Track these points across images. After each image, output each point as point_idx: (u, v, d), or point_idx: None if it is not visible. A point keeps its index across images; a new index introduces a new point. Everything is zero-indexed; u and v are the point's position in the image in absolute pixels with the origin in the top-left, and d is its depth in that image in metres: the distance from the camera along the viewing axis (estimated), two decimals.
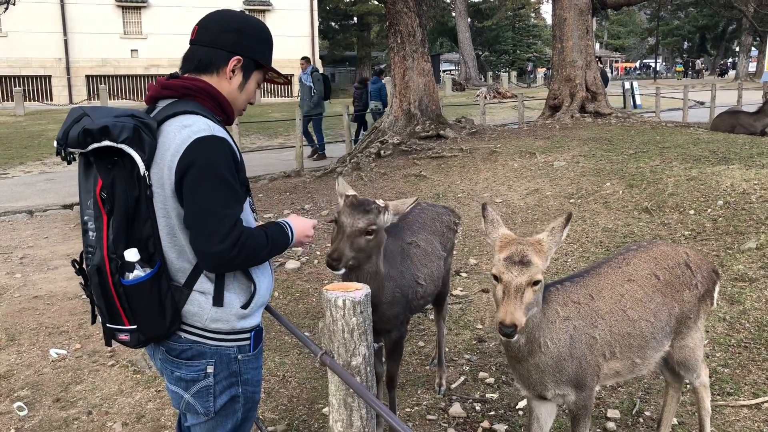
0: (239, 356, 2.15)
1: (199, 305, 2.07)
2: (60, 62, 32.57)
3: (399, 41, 12.49)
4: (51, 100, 31.72)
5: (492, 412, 3.94)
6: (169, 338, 2.09)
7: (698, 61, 56.50)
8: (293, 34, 36.40)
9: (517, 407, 3.96)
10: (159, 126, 2.02)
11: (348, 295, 1.96)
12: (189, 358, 2.10)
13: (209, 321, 2.08)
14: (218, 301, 2.08)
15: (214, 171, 1.95)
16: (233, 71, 2.16)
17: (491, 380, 4.32)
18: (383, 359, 3.77)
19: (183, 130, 1.97)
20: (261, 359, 2.29)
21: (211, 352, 2.10)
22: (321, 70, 17.08)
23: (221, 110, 2.15)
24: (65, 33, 32.27)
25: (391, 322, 3.43)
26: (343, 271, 3.00)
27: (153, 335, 2.05)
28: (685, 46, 64.07)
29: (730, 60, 61.91)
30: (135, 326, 2.02)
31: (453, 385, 4.30)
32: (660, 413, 3.52)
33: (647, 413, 3.82)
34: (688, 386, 3.64)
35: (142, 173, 1.94)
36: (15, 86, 29.53)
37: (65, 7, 31.96)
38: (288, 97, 35.89)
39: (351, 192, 3.11)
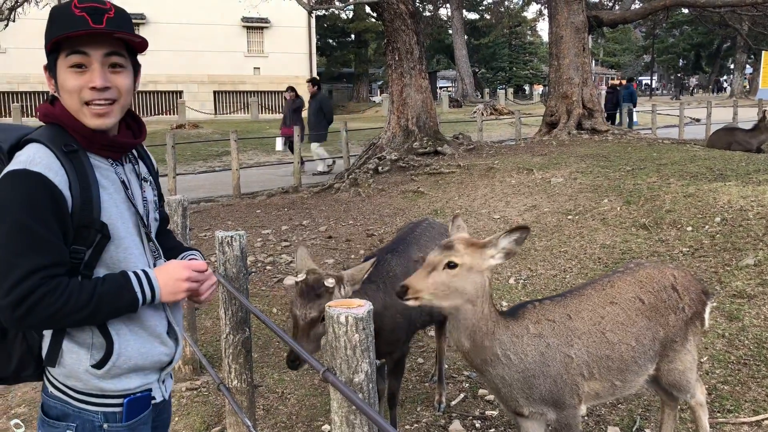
0: (105, 425, 1.81)
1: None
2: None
3: (397, 58, 12.57)
4: None
5: (492, 429, 3.93)
6: (42, 389, 1.87)
7: (692, 79, 56.75)
8: (291, 51, 36.61)
9: None
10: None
11: (350, 311, 1.96)
12: (54, 418, 1.82)
13: (62, 376, 1.79)
14: (51, 359, 1.77)
15: (7, 212, 1.64)
16: (50, 83, 1.82)
17: (491, 397, 4.30)
18: (384, 376, 3.76)
19: (11, 162, 1.72)
20: None
21: (74, 414, 1.80)
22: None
23: (73, 131, 1.79)
24: None
25: (393, 345, 3.44)
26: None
27: None
28: (680, 64, 64.51)
29: (723, 77, 62.28)
30: None
31: (453, 402, 4.28)
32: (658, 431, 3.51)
33: (648, 430, 3.81)
34: (687, 404, 3.63)
35: None
36: (13, 102, 29.58)
37: None
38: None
39: (302, 275, 2.96)
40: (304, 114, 15.46)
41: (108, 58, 1.77)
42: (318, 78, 15.60)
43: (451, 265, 2.53)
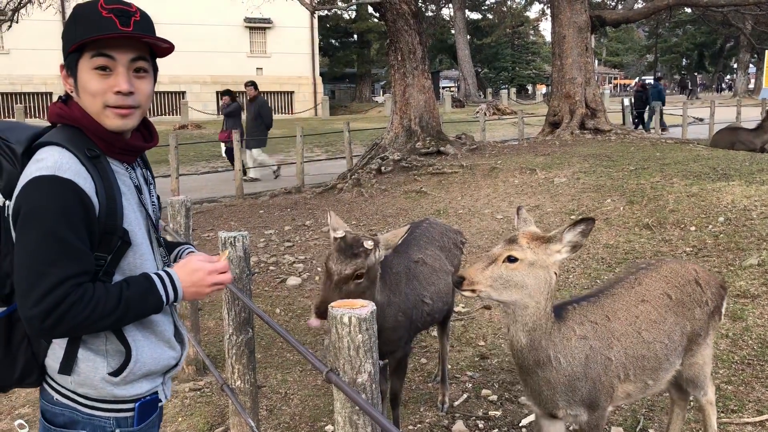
0: (117, 431, 1.79)
1: (58, 362, 1.75)
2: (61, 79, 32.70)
3: (399, 58, 12.56)
4: None
5: (495, 430, 3.92)
6: (42, 396, 1.82)
7: (696, 78, 56.38)
8: (294, 51, 36.63)
9: (520, 425, 3.94)
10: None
11: (354, 312, 1.96)
12: (61, 426, 1.77)
13: (75, 384, 1.74)
14: (66, 367, 1.72)
15: (39, 220, 1.59)
16: (67, 82, 1.80)
17: (494, 397, 4.30)
18: (387, 376, 3.76)
19: (32, 166, 1.65)
20: None
21: (84, 421, 1.76)
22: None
23: (92, 134, 1.74)
24: None
25: (395, 344, 3.43)
26: None
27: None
28: (683, 63, 64.38)
29: (728, 76, 62.14)
30: None
31: (456, 403, 4.28)
32: (665, 431, 3.50)
33: (651, 431, 3.80)
34: (692, 403, 3.63)
35: (0, 203, 1.71)
36: (16, 103, 29.64)
37: None
38: (287, 113, 36.04)
39: (341, 232, 3.01)
40: (244, 117, 14.75)
41: (134, 63, 1.74)
42: (255, 82, 14.63)
43: (511, 259, 2.51)
